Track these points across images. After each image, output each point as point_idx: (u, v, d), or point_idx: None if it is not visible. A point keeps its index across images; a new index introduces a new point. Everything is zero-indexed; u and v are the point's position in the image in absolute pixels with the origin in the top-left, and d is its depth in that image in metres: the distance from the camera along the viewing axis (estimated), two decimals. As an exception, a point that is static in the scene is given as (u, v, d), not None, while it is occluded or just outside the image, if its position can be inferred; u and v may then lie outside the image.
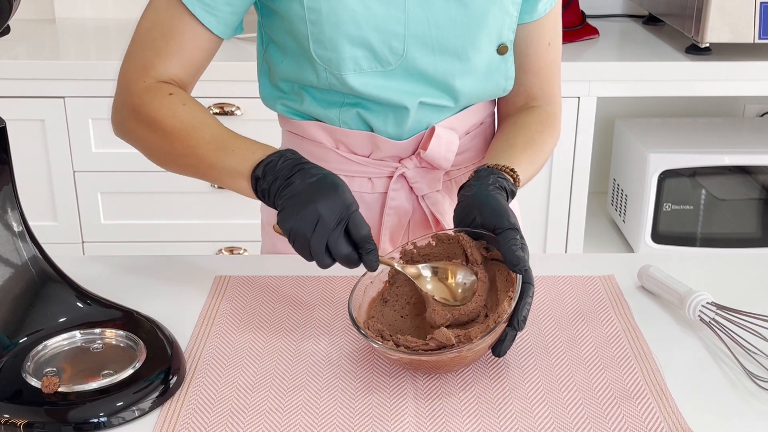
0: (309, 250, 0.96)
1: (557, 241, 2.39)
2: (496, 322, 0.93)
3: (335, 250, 0.96)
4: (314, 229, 0.95)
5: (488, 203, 1.02)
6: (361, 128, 1.19)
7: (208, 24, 1.10)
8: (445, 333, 0.93)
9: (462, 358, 0.93)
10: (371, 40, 1.10)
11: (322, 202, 0.95)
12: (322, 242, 0.95)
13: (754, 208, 2.35)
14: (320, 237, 0.95)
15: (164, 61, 1.11)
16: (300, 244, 0.96)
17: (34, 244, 1.02)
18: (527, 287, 0.96)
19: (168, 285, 1.17)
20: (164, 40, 1.11)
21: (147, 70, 1.11)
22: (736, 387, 0.96)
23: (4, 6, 0.93)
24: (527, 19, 1.19)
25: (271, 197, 0.99)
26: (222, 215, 2.32)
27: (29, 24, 2.52)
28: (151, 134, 1.09)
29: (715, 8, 2.12)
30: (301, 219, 0.95)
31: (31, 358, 0.96)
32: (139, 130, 1.11)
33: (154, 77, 1.11)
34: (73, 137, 2.23)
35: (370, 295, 1.03)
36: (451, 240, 1.04)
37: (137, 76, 1.11)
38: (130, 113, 1.11)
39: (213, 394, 0.94)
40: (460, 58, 1.14)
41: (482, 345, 0.93)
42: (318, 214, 0.95)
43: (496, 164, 1.11)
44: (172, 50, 1.11)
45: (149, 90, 1.09)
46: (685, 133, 2.40)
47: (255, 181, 1.01)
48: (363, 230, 0.97)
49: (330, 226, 0.95)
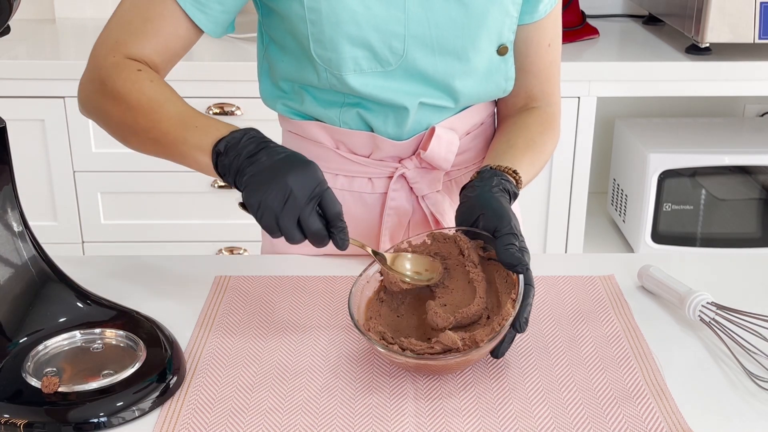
0: (278, 224, 0.94)
1: (557, 241, 2.39)
2: (501, 325, 0.93)
3: (307, 225, 0.94)
4: (285, 203, 0.93)
5: (491, 206, 1.02)
6: (361, 128, 1.19)
7: (198, 21, 1.10)
8: (450, 336, 0.92)
9: (467, 362, 0.93)
10: (371, 40, 1.10)
11: (293, 177, 0.93)
12: (293, 217, 0.94)
13: (754, 208, 2.35)
14: (291, 211, 0.93)
15: (138, 41, 1.09)
16: (268, 219, 0.94)
17: (34, 244, 1.02)
18: (528, 289, 0.96)
19: (168, 285, 1.17)
20: (143, 23, 1.09)
21: (119, 46, 1.09)
22: (736, 387, 0.96)
23: (4, 6, 0.93)
24: (528, 20, 1.19)
25: (232, 173, 0.97)
26: (222, 215, 2.32)
27: (29, 24, 2.52)
28: (115, 107, 1.07)
29: (715, 8, 2.12)
30: (270, 192, 0.93)
31: (31, 358, 0.96)
32: (103, 104, 1.08)
33: (125, 54, 1.09)
34: (73, 137, 2.23)
35: (367, 296, 1.03)
36: (447, 239, 1.04)
37: (107, 52, 1.09)
38: (96, 87, 1.09)
39: (213, 394, 0.94)
40: (460, 59, 1.14)
41: (486, 348, 0.93)
42: (289, 188, 0.93)
43: (498, 165, 1.11)
44: (148, 32, 1.09)
45: (117, 65, 1.08)
46: (685, 133, 2.40)
47: (216, 155, 0.98)
48: (335, 207, 0.96)
49: (302, 200, 0.93)
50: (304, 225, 0.94)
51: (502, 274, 1.01)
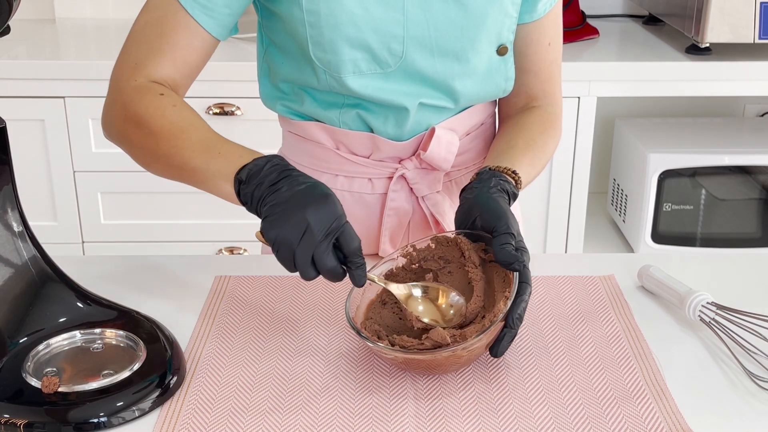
0: (293, 260, 0.93)
1: (557, 241, 2.39)
2: (492, 321, 0.93)
3: (321, 263, 0.92)
4: (301, 239, 0.91)
5: (489, 206, 1.02)
6: (361, 129, 1.19)
7: (206, 25, 1.09)
8: (440, 332, 0.93)
9: (457, 358, 0.93)
10: (370, 42, 1.10)
11: (311, 211, 0.92)
12: (308, 253, 0.92)
13: (754, 208, 2.35)
14: (306, 248, 0.92)
15: (157, 60, 1.09)
16: (284, 253, 0.93)
17: (34, 244, 1.02)
18: (523, 287, 0.96)
19: (168, 285, 1.17)
20: (158, 39, 1.09)
21: (139, 68, 1.09)
22: (736, 387, 0.96)
23: (4, 6, 0.93)
24: (527, 19, 1.19)
25: (255, 203, 0.96)
26: (222, 215, 2.32)
27: (29, 24, 2.52)
28: (138, 132, 1.06)
29: (715, 8, 2.12)
30: (287, 227, 0.92)
31: (31, 358, 0.96)
32: (126, 129, 1.08)
33: (146, 76, 1.09)
34: (73, 137, 2.23)
35: (369, 297, 1.03)
36: (449, 242, 1.04)
37: (129, 75, 1.09)
38: (119, 112, 1.09)
39: (213, 394, 0.94)
40: (459, 60, 1.14)
41: (478, 344, 0.92)
42: (306, 224, 0.91)
43: (497, 166, 1.11)
44: (165, 49, 1.09)
45: (140, 89, 1.07)
46: (685, 133, 2.40)
47: (238, 184, 0.97)
48: (354, 243, 0.94)
49: (318, 237, 0.91)
50: (318, 262, 0.92)
51: (501, 275, 1.01)
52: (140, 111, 1.06)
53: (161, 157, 1.05)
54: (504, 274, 1.00)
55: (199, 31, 1.09)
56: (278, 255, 0.94)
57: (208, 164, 1.00)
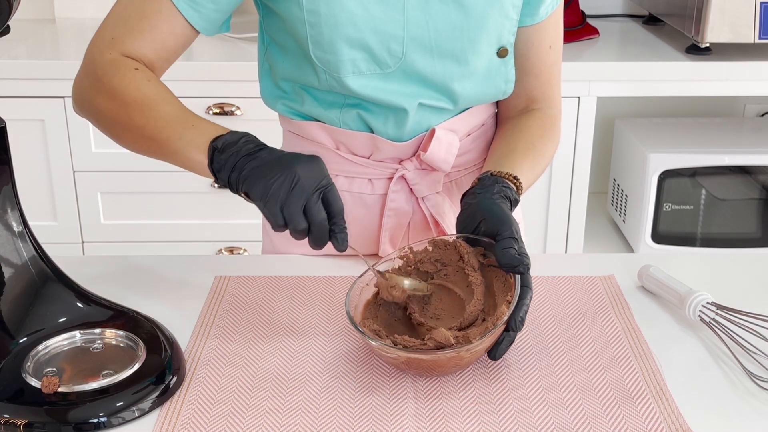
0: (282, 211, 0.93)
1: (557, 241, 2.39)
2: (495, 324, 0.93)
3: (312, 213, 0.92)
4: (292, 189, 0.92)
5: (492, 212, 1.02)
6: (361, 129, 1.19)
7: (190, 19, 1.09)
8: (444, 333, 0.93)
9: (459, 359, 0.93)
10: (370, 43, 1.10)
11: (300, 166, 0.92)
12: (299, 203, 0.92)
13: (754, 208, 2.35)
14: (298, 198, 0.92)
15: (135, 39, 1.09)
16: (272, 204, 0.93)
17: (34, 244, 1.02)
18: (525, 291, 0.96)
19: (168, 285, 1.17)
20: (139, 20, 1.09)
21: (115, 43, 1.08)
22: (736, 387, 0.96)
23: (4, 6, 0.93)
24: (528, 22, 1.19)
25: (227, 170, 0.96)
26: (222, 215, 2.32)
27: (29, 24, 2.52)
28: (110, 104, 1.06)
29: (715, 8, 2.12)
30: (276, 179, 0.92)
31: (31, 358, 0.96)
32: (98, 101, 1.07)
33: (121, 51, 1.08)
34: (73, 137, 2.23)
35: (366, 298, 1.03)
36: (447, 246, 1.04)
37: (104, 48, 1.09)
38: (91, 83, 1.08)
39: (213, 395, 0.94)
40: (459, 62, 1.14)
41: (480, 347, 0.93)
42: (296, 176, 0.92)
43: (499, 171, 1.11)
44: (144, 29, 1.09)
45: (114, 62, 1.07)
46: (685, 133, 2.40)
47: (212, 152, 0.97)
48: (339, 204, 0.95)
49: (309, 188, 0.92)
50: (309, 213, 0.93)
51: (501, 279, 1.01)
52: (114, 83, 1.06)
53: (133, 128, 1.05)
54: (504, 278, 1.00)
55: (181, 20, 1.09)
56: (266, 207, 0.93)
57: (182, 134, 1.01)
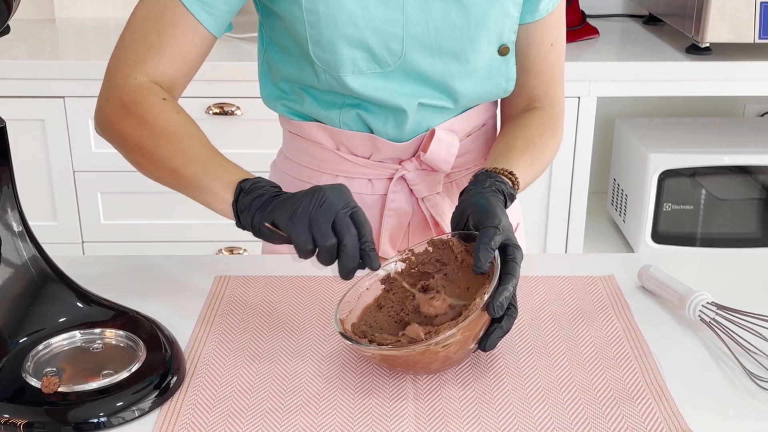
0: (310, 227, 0.92)
1: (557, 241, 2.39)
2: (466, 317, 0.92)
3: (342, 228, 0.92)
4: (319, 207, 0.92)
5: (479, 204, 1.02)
6: (361, 130, 1.19)
7: (205, 22, 1.09)
8: (415, 328, 0.93)
9: (433, 354, 0.92)
10: (369, 42, 1.10)
11: (327, 189, 0.93)
12: (328, 219, 0.92)
13: (754, 208, 2.35)
14: (326, 214, 0.92)
15: (156, 58, 1.08)
16: (301, 223, 0.92)
17: (34, 244, 1.02)
18: (507, 278, 0.94)
19: (168, 285, 1.17)
20: (157, 35, 1.08)
21: (138, 65, 1.08)
22: (736, 387, 0.96)
23: (3, 6, 0.93)
24: (529, 19, 1.19)
25: (252, 210, 0.96)
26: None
27: (29, 24, 2.52)
28: (137, 131, 1.06)
29: (715, 8, 2.12)
30: (303, 200, 0.93)
31: (31, 358, 0.96)
32: (124, 126, 1.07)
33: (146, 74, 1.08)
34: (73, 137, 2.23)
35: (366, 301, 1.03)
36: (444, 245, 1.04)
37: (128, 71, 1.08)
38: (117, 108, 1.08)
39: (212, 395, 0.94)
40: (459, 60, 1.14)
41: (452, 340, 0.91)
42: (324, 195, 0.92)
43: (494, 168, 1.11)
44: (165, 45, 1.08)
45: (141, 88, 1.07)
46: (685, 133, 2.40)
47: (238, 192, 0.98)
48: (368, 224, 0.94)
49: (338, 205, 0.92)
50: (339, 229, 0.92)
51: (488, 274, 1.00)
52: (142, 110, 1.05)
53: (158, 159, 1.05)
54: (491, 272, 0.99)
55: (198, 28, 1.09)
56: (294, 229, 0.92)
57: (208, 170, 1.01)
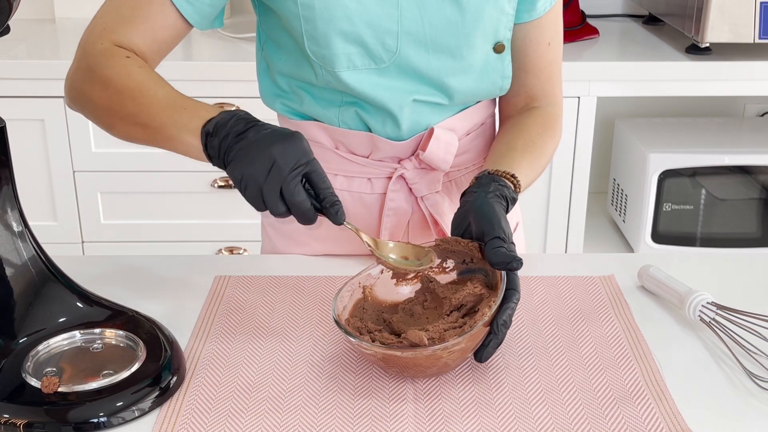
0: (261, 195, 0.93)
1: (557, 241, 2.39)
2: (472, 327, 0.92)
3: (290, 196, 0.92)
4: (268, 174, 0.92)
5: (483, 211, 1.02)
6: (360, 128, 1.19)
7: (184, 11, 1.09)
8: (417, 334, 0.92)
9: (437, 359, 0.92)
10: (364, 37, 1.10)
11: (276, 148, 0.92)
12: (275, 187, 0.92)
13: (754, 208, 2.35)
14: (274, 182, 0.92)
15: (126, 28, 1.09)
16: (252, 191, 0.93)
17: (34, 244, 1.02)
18: (511, 293, 0.95)
19: (168, 285, 1.17)
20: (131, 9, 1.09)
21: (106, 33, 1.09)
22: (736, 387, 0.96)
23: (4, 6, 0.93)
24: (526, 18, 1.19)
25: (221, 154, 0.96)
26: (222, 215, 2.32)
27: (29, 24, 2.52)
28: (102, 92, 1.05)
29: (715, 8, 2.12)
30: (253, 163, 0.92)
31: (31, 358, 0.96)
32: (90, 91, 1.07)
33: (113, 41, 1.08)
34: (73, 137, 2.23)
35: (356, 297, 1.03)
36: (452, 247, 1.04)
37: (95, 39, 1.09)
38: (83, 75, 1.08)
39: (212, 395, 0.94)
40: (454, 57, 1.14)
41: (457, 347, 0.91)
42: (272, 159, 0.92)
43: (497, 170, 1.11)
44: (137, 19, 1.09)
45: (105, 51, 1.07)
46: (685, 133, 2.40)
47: (205, 136, 0.97)
48: (325, 181, 0.95)
49: (285, 170, 0.92)
50: (287, 196, 0.93)
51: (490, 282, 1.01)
52: (105, 71, 1.05)
53: (126, 116, 1.04)
54: (494, 282, 0.99)
55: (174, 12, 1.09)
56: (246, 193, 0.94)
57: (174, 119, 1.00)
